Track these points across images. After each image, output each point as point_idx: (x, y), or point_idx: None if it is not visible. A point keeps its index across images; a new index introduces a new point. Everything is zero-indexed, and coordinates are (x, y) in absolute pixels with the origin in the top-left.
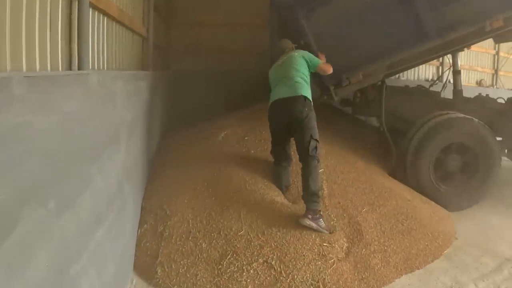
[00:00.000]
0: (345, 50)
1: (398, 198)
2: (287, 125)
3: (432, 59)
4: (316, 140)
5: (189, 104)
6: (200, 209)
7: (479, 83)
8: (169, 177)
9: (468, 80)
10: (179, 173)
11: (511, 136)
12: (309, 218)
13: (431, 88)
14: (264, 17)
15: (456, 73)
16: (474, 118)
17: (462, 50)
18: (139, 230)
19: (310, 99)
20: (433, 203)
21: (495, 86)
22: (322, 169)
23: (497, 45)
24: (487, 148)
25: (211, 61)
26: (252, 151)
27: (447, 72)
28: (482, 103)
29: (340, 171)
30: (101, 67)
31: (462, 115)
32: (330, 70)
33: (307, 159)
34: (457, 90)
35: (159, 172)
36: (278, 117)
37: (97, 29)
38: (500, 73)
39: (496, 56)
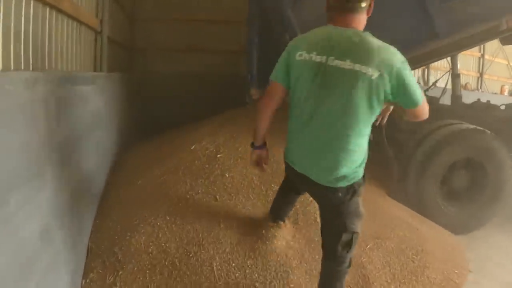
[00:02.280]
0: None
1: (405, 227)
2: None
3: (435, 61)
4: (353, 233)
5: (156, 110)
6: (160, 254)
7: (464, 87)
8: (124, 205)
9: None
10: (136, 201)
11: None
12: None
13: (426, 94)
14: (240, 13)
15: (455, 76)
16: (486, 130)
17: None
18: (83, 281)
19: (361, 173)
20: (440, 228)
21: (480, 90)
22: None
23: (482, 48)
24: (498, 163)
25: (181, 62)
26: (227, 175)
27: (442, 76)
28: (485, 110)
29: None
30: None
31: (472, 126)
32: (426, 114)
33: (334, 259)
34: (456, 96)
35: (113, 198)
36: (300, 181)
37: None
38: (485, 76)
39: (481, 59)
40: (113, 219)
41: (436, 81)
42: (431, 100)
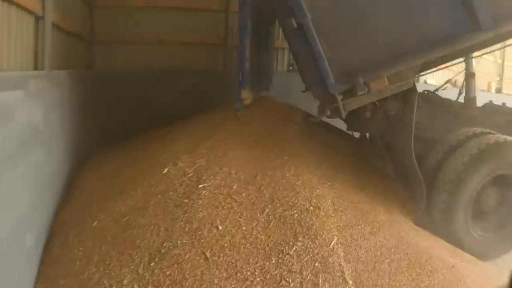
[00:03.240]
0: (362, 39)
1: (441, 265)
2: None
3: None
4: None
5: (121, 115)
6: None
7: (454, 84)
8: (73, 262)
9: (442, 81)
10: (91, 256)
11: None
12: None
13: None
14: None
15: (470, 76)
16: None
17: None
18: None
19: None
20: (473, 258)
21: None
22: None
23: None
24: None
25: (151, 57)
26: (220, 227)
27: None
28: (505, 114)
29: (361, 234)
30: None
31: (508, 138)
32: None
33: None
34: (470, 97)
35: (60, 249)
36: None
37: None
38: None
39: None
40: (60, 285)
41: (448, 81)
42: (449, 104)
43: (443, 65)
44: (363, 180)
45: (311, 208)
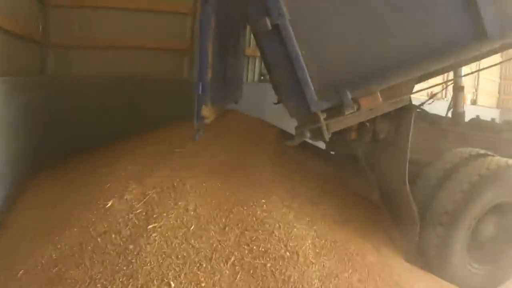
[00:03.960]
0: (351, 46)
1: None
2: None
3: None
4: None
5: (72, 128)
6: None
7: (431, 95)
8: None
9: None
10: None
11: None
12: None
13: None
14: (188, 1)
15: (459, 90)
16: None
17: None
18: None
19: None
20: None
21: (445, 99)
22: None
23: None
24: None
25: (110, 62)
26: (173, 284)
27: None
28: (495, 131)
29: (348, 284)
30: None
31: (510, 160)
32: None
33: None
34: (458, 113)
35: None
36: None
37: None
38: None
39: None
40: None
41: (434, 95)
42: (436, 119)
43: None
44: (346, 212)
45: (288, 254)
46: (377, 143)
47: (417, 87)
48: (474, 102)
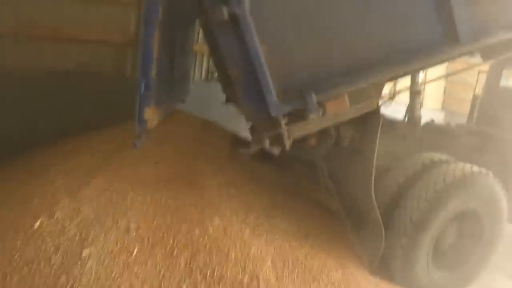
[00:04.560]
0: (318, 43)
1: None
2: None
3: None
4: None
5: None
6: None
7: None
8: None
9: None
10: None
11: None
12: None
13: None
14: None
15: (416, 93)
16: (489, 172)
17: None
18: None
19: None
20: None
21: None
22: None
23: None
24: (497, 212)
25: (46, 55)
26: None
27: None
28: (451, 135)
29: None
30: None
31: (477, 168)
32: None
33: None
34: (415, 117)
35: None
36: None
37: None
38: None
39: None
40: None
41: (393, 97)
42: (393, 124)
43: None
44: (306, 225)
45: (247, 279)
46: (339, 150)
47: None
48: (421, 105)
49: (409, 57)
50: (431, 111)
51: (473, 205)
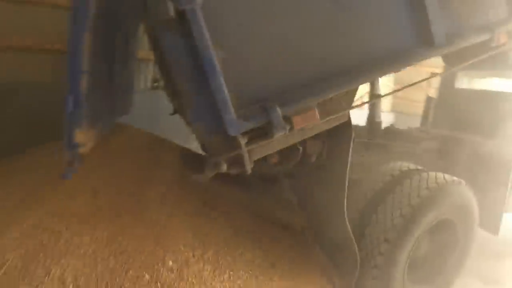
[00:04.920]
0: (283, 49)
1: None
2: None
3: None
4: None
5: None
6: None
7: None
8: None
9: None
10: None
11: None
12: None
13: None
14: None
15: (376, 97)
16: (462, 180)
17: None
18: None
19: None
20: None
21: None
22: None
23: None
24: (470, 219)
25: None
26: None
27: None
28: (413, 140)
29: None
30: None
31: (450, 177)
32: None
33: None
34: (375, 122)
35: None
36: None
37: None
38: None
39: None
40: None
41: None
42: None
43: None
44: (271, 252)
45: None
46: (305, 167)
47: None
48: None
49: (383, 61)
50: (382, 113)
51: (447, 215)
